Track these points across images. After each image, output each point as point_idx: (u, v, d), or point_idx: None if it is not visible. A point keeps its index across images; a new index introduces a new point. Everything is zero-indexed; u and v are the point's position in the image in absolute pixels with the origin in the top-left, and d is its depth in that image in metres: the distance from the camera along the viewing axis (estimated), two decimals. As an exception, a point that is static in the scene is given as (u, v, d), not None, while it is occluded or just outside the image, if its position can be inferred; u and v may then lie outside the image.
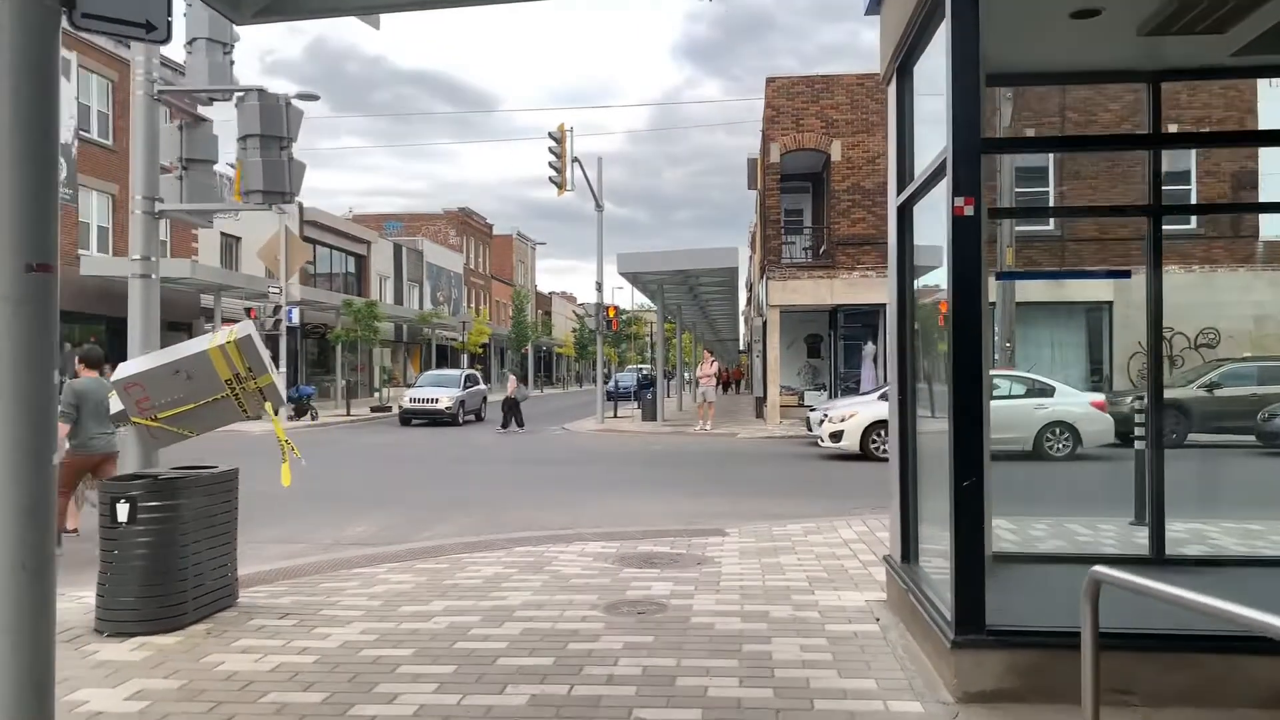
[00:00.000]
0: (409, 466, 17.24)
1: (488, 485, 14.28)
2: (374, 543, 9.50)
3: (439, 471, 16.38)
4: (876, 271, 24.28)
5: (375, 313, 32.08)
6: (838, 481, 14.61)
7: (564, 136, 24.26)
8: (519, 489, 13.80)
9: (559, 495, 12.98)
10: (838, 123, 24.27)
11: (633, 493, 13.23)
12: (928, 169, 5.21)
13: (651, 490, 13.44)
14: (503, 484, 14.50)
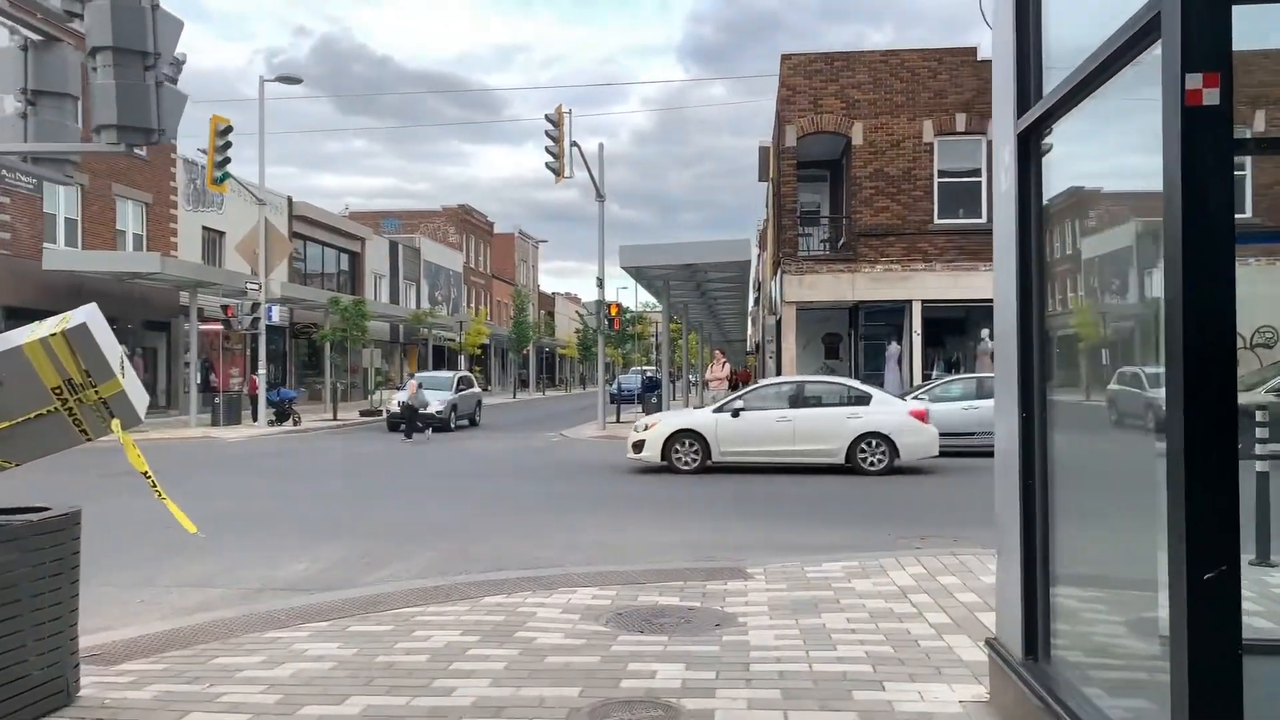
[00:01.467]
0: (382, 481, 15.38)
1: (468, 505, 12.41)
2: (311, 587, 7.64)
3: (415, 487, 14.51)
4: (902, 265, 22.39)
5: (363, 311, 30.26)
6: (867, 501, 12.71)
7: (561, 119, 22.41)
8: (503, 511, 11.92)
9: (549, 519, 11.10)
10: (859, 103, 22.39)
11: (635, 516, 11.35)
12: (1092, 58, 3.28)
13: (657, 513, 11.56)
14: (486, 503, 12.63)
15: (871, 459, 15.02)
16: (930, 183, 22.22)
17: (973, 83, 22.11)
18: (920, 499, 12.92)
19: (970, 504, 12.22)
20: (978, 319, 23.07)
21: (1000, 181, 4.45)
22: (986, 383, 18.22)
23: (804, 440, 15.22)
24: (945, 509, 11.95)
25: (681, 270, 24.57)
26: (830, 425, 15.20)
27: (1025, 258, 4.13)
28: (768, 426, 15.39)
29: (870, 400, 15.43)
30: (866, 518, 11.17)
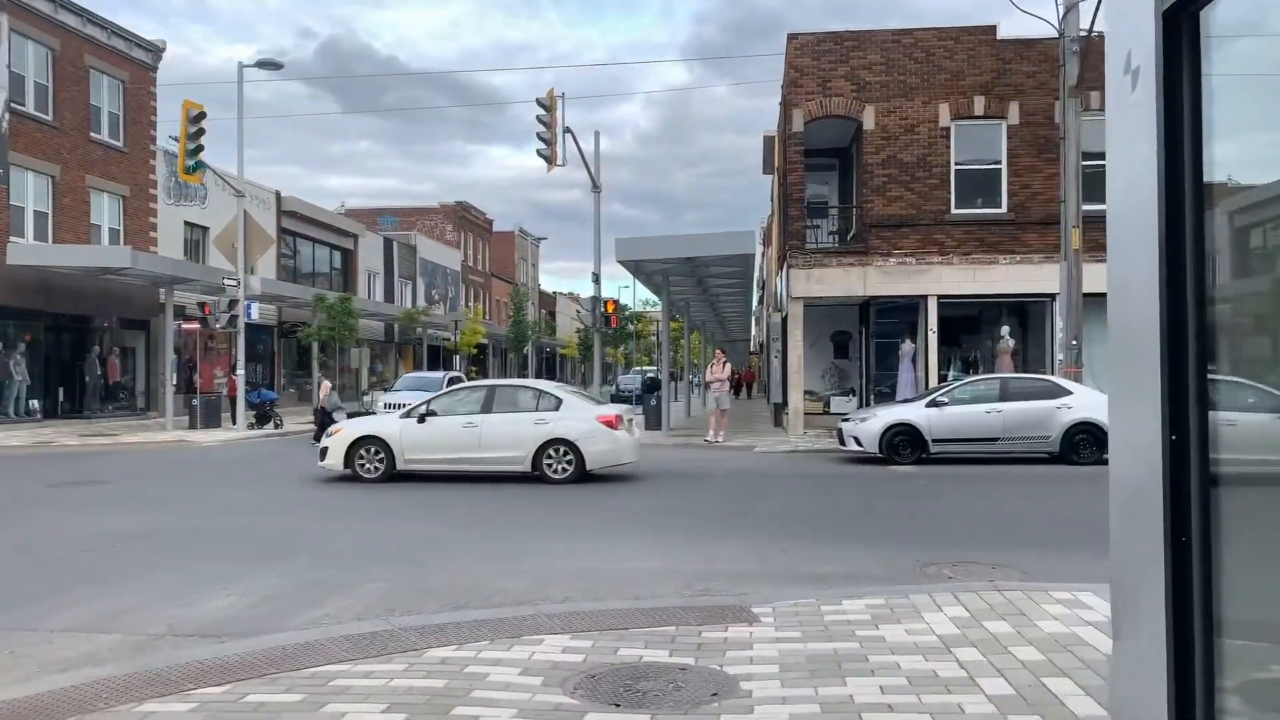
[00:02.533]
0: (345, 491, 14.05)
1: (433, 523, 11.08)
2: (225, 632, 6.33)
3: (376, 499, 13.18)
4: (917, 258, 21.02)
5: (349, 309, 28.95)
6: (888, 515, 11.37)
7: (554, 104, 21.08)
8: (475, 527, 10.59)
9: (524, 540, 9.77)
10: (871, 85, 21.03)
11: (623, 535, 10.01)
12: None
13: (647, 531, 10.22)
14: (456, 520, 11.30)
15: (557, 467, 14.07)
16: (947, 170, 20.86)
17: (992, 63, 20.75)
18: (944, 514, 11.57)
19: (999, 520, 10.88)
20: (997, 315, 21.72)
21: (1122, 95, 3.08)
22: (1012, 384, 16.89)
23: (490, 447, 14.24)
24: (972, 526, 10.61)
25: (681, 265, 23.24)
26: (516, 432, 14.22)
27: (1176, 201, 2.76)
28: (454, 433, 14.32)
29: (561, 405, 14.43)
30: (886, 538, 9.83)
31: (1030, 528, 10.45)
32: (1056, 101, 20.37)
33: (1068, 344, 18.32)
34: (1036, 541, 9.60)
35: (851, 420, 17.36)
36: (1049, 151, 20.54)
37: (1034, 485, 14.01)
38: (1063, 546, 9.32)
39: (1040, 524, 10.68)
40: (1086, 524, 10.64)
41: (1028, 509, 11.80)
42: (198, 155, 21.68)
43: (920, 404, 16.84)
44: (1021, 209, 20.71)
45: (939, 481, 14.42)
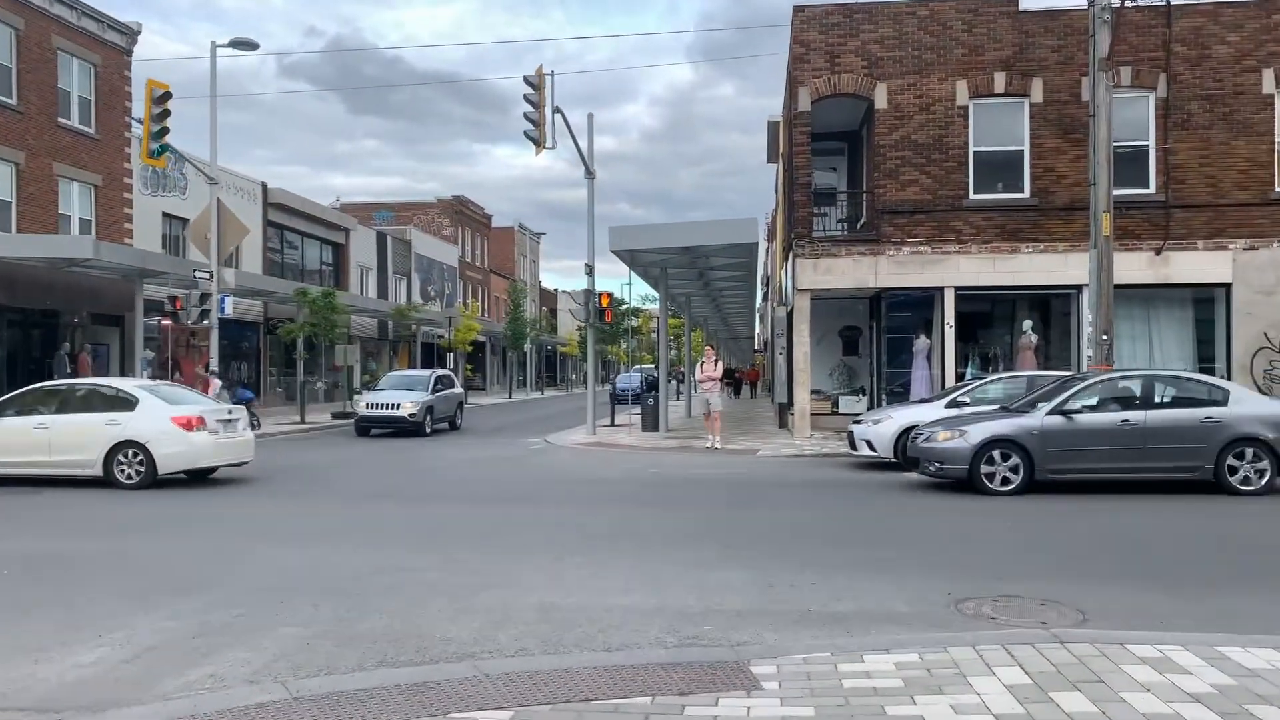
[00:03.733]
0: (298, 505, 12.65)
1: (387, 543, 9.66)
2: (71, 702, 4.93)
3: (332, 514, 11.78)
4: (932, 246, 19.54)
5: (333, 304, 27.52)
6: (907, 533, 9.91)
7: (541, 82, 19.63)
8: (430, 550, 9.15)
9: (485, 565, 8.35)
10: (883, 61, 19.54)
11: (603, 558, 8.58)
12: None
13: (632, 553, 8.78)
14: (411, 540, 9.88)
15: (129, 471, 13.16)
16: (964, 152, 19.37)
17: (1013, 37, 19.26)
18: (971, 532, 10.11)
19: (1036, 538, 9.38)
20: (1019, 308, 20.24)
21: None
22: (1040, 382, 15.40)
23: (60, 450, 13.25)
24: (1005, 547, 9.15)
25: (680, 255, 21.82)
26: (86, 434, 13.20)
27: None
28: (25, 434, 13.38)
29: (137, 406, 13.37)
30: (908, 563, 8.38)
31: (1073, 549, 8.99)
32: (1083, 78, 18.90)
33: (1097, 339, 16.81)
34: (1085, 568, 8.15)
35: (863, 422, 15.92)
36: (1075, 132, 19.05)
37: (1070, 496, 12.54)
38: (1118, 576, 7.88)
39: (1084, 544, 9.22)
40: (1138, 543, 9.20)
41: (1064, 525, 10.34)
42: (163, 138, 20.30)
43: (939, 404, 15.40)
44: (1045, 194, 19.22)
45: (962, 491, 12.96)
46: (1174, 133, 18.95)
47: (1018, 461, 12.13)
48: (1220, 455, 12.01)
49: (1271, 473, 12.02)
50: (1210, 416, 12.20)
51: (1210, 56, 18.84)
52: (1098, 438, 12.18)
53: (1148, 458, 12.10)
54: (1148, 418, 12.22)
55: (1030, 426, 12.19)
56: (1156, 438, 12.09)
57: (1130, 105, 18.84)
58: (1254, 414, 12.21)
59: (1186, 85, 18.90)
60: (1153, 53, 18.94)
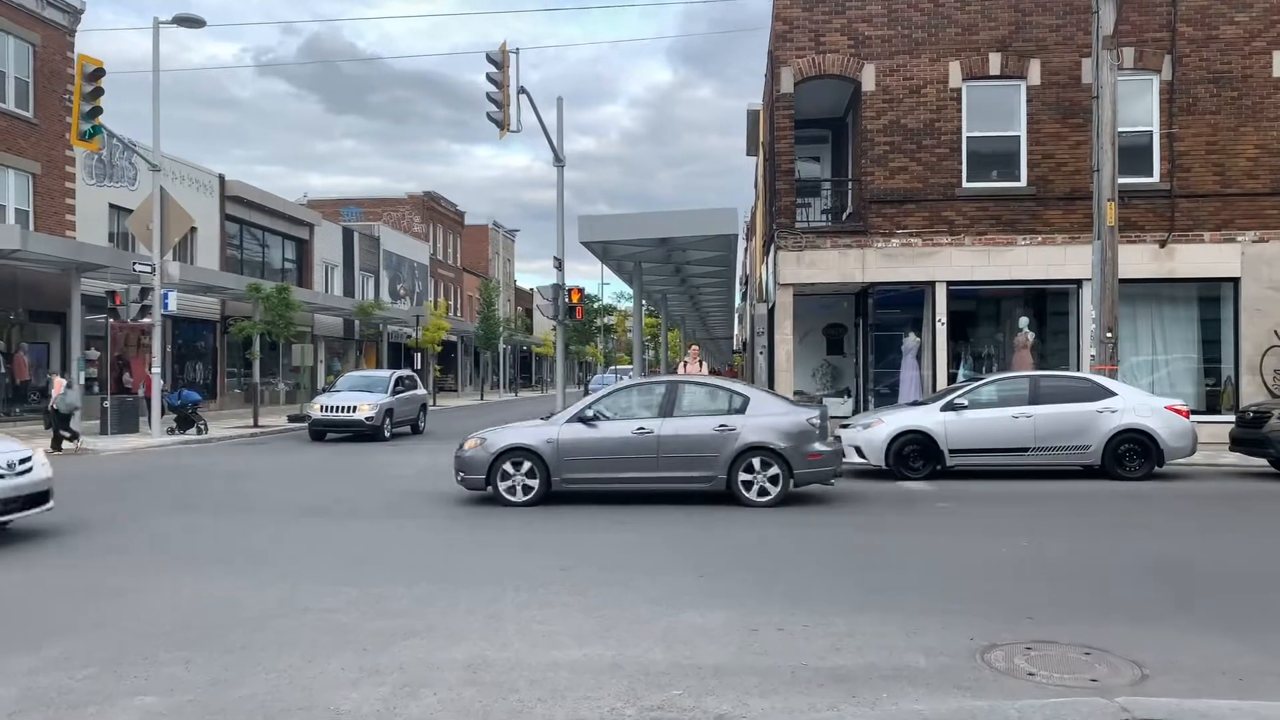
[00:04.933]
0: (217, 525, 11.21)
1: (299, 574, 8.26)
2: None
3: (251, 536, 10.35)
4: (923, 238, 18.30)
5: (289, 300, 25.98)
6: (911, 557, 8.58)
7: (506, 61, 18.25)
8: (350, 583, 7.75)
9: (412, 602, 6.97)
10: (871, 40, 18.28)
11: (553, 593, 7.22)
12: None
13: (589, 586, 7.43)
14: (331, 570, 8.48)
15: None
16: (957, 138, 18.14)
17: (1009, 15, 18.05)
18: (985, 556, 8.82)
19: (1061, 565, 8.03)
20: (1014, 304, 19.05)
21: None
22: (1043, 383, 14.22)
23: None
24: (1028, 575, 7.86)
25: (655, 248, 20.44)
26: None
27: None
28: None
29: None
30: (918, 598, 7.09)
31: (1109, 578, 7.71)
32: (1084, 59, 17.74)
33: (1101, 336, 15.66)
34: (1127, 603, 6.88)
35: (852, 426, 14.65)
36: (1075, 116, 17.87)
37: (1085, 509, 11.32)
38: (1171, 614, 6.62)
39: (1121, 572, 7.94)
40: (1184, 570, 7.90)
41: (1093, 547, 9.07)
42: (95, 119, 18.75)
43: (934, 407, 14.15)
44: (1043, 182, 18.03)
45: (965, 505, 11.70)
46: (1179, 118, 17.82)
47: (534, 470, 11.59)
48: (732, 465, 11.37)
49: (784, 482, 11.28)
50: (724, 425, 11.49)
51: (1218, 37, 17.72)
52: (614, 447, 11.58)
53: (662, 468, 11.51)
54: (663, 427, 11.57)
55: (548, 436, 11.64)
56: (671, 447, 11.49)
57: (1133, 88, 17.69)
58: (768, 423, 11.41)
59: (1192, 68, 17.77)
60: (1157, 33, 17.80)
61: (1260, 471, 14.45)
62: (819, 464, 11.52)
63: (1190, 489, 12.97)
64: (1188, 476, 14.13)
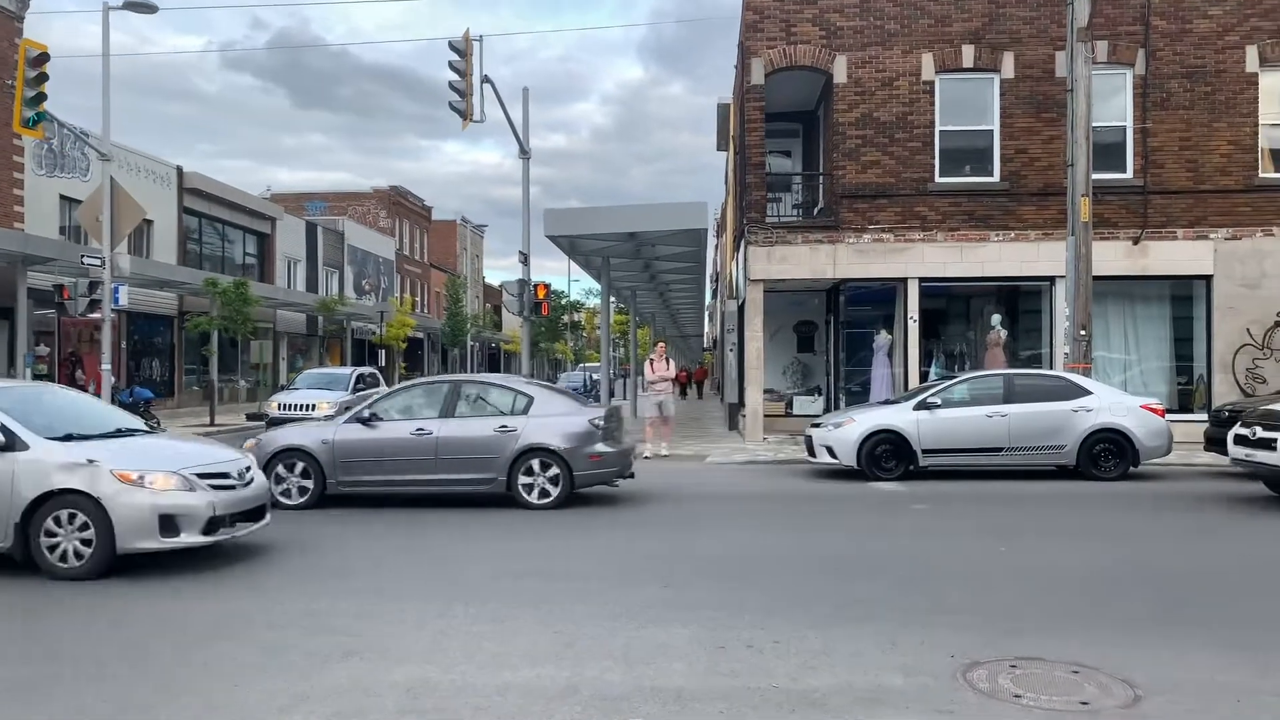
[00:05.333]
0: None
1: (239, 587, 7.74)
2: None
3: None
4: (895, 234, 17.99)
5: (246, 295, 25.27)
6: (886, 563, 8.19)
7: (469, 48, 17.70)
8: (290, 598, 7.25)
9: (354, 617, 6.48)
10: (843, 31, 17.94)
11: (505, 606, 6.75)
12: None
13: (544, 598, 6.97)
14: (272, 581, 7.96)
15: None
16: (930, 131, 17.84)
17: (983, 7, 17.77)
18: (963, 561, 8.45)
19: (1041, 571, 7.64)
20: (986, 302, 18.80)
21: None
22: (1018, 382, 13.93)
23: None
24: (1008, 582, 7.49)
25: (624, 242, 20.04)
26: None
27: None
28: None
29: None
30: (894, 608, 6.70)
31: (1092, 585, 7.37)
32: (1058, 52, 17.50)
33: (1075, 334, 15.41)
34: (1113, 613, 6.53)
35: (823, 426, 14.29)
36: (1048, 111, 17.63)
37: (1061, 511, 11.02)
38: (1159, 624, 6.27)
39: (1103, 578, 7.60)
40: (1168, 576, 7.52)
41: (1073, 552, 8.73)
42: (39, 105, 17.96)
43: (907, 406, 13.82)
44: (1016, 177, 17.78)
45: (940, 506, 11.36)
46: (1153, 113, 17.63)
47: (309, 471, 11.25)
48: (512, 467, 11.07)
49: (565, 484, 10.99)
50: (505, 426, 11.19)
51: (1191, 31, 17.55)
52: (392, 449, 11.23)
53: (441, 470, 11.16)
54: (442, 428, 11.26)
55: (324, 436, 11.32)
56: (449, 449, 11.14)
57: (1107, 83, 17.47)
58: (550, 424, 11.15)
59: (1166, 62, 17.59)
60: (1130, 26, 17.59)
61: (1236, 471, 14.23)
62: (600, 465, 11.21)
63: (1167, 489, 12.73)
64: (1163, 477, 13.90)
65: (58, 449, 7.54)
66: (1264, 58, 17.47)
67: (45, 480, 7.39)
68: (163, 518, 7.45)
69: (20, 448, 7.47)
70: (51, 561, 7.39)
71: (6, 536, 7.42)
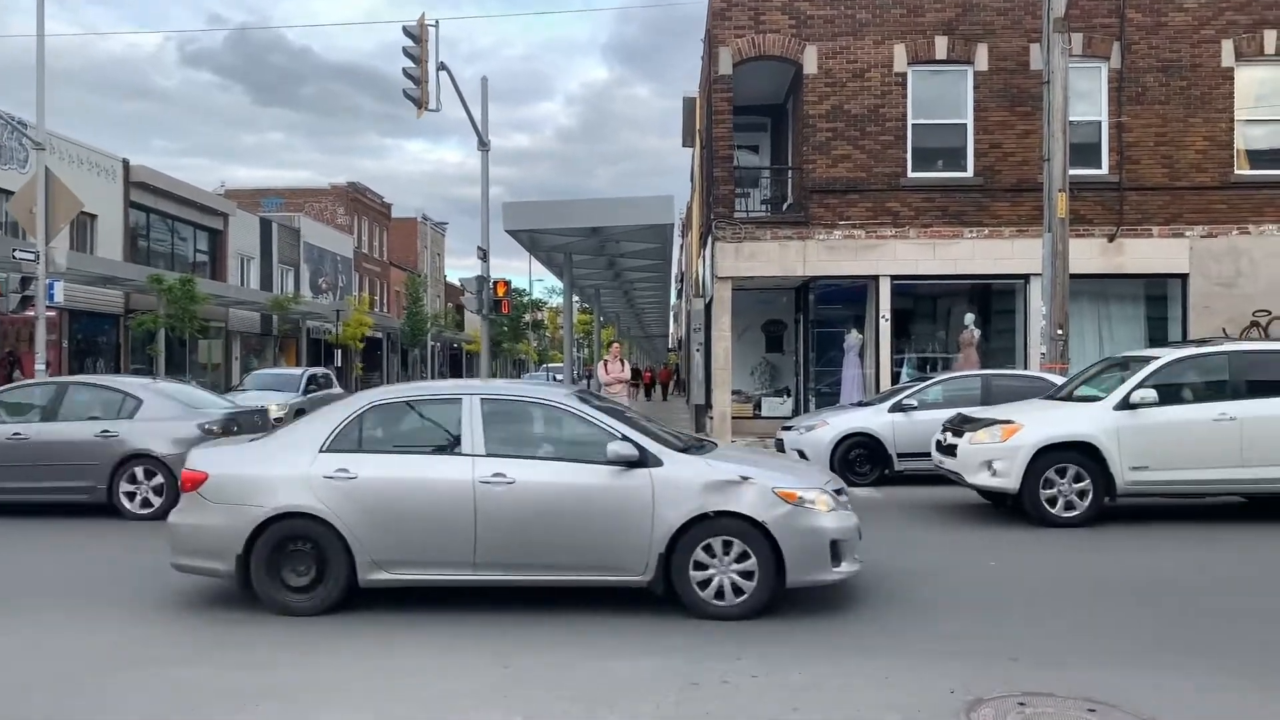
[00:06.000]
0: (70, 540, 9.79)
1: (149, 612, 6.97)
2: None
3: (106, 559, 8.97)
4: (866, 230, 17.46)
5: (193, 293, 24.23)
6: (870, 578, 7.56)
7: (424, 34, 16.93)
8: (200, 626, 6.49)
9: (277, 649, 5.74)
10: (813, 20, 17.38)
11: (453, 637, 6.05)
12: None
13: (495, 628, 6.27)
14: (235, 606, 7.19)
15: None
16: (903, 125, 17.33)
17: (956, -3, 17.31)
18: (948, 575, 7.84)
19: (1035, 584, 7.04)
20: (959, 301, 18.35)
21: None
22: (995, 383, 13.42)
23: None
24: (1001, 599, 6.90)
25: (587, 238, 19.32)
26: None
27: None
28: None
29: None
30: (882, 630, 6.07)
31: (1092, 604, 6.79)
32: (1032, 44, 17.08)
33: (1051, 333, 14.94)
34: (1120, 637, 5.96)
35: (794, 429, 13.70)
36: (1023, 105, 17.20)
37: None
38: (1172, 649, 5.70)
39: (1103, 596, 7.02)
40: (1172, 594, 6.80)
41: (1066, 565, 8.18)
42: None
43: (881, 408, 13.27)
44: (990, 173, 17.33)
45: (917, 514, 10.80)
46: (1128, 107, 17.25)
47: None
48: (114, 474, 10.45)
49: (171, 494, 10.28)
50: (108, 431, 10.55)
51: (1167, 25, 17.20)
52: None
53: (37, 477, 10.48)
54: (40, 432, 10.58)
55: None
56: (45, 455, 10.46)
57: (1082, 77, 17.06)
58: (158, 429, 10.57)
59: (1142, 55, 17.22)
60: (1106, 19, 17.21)
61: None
62: None
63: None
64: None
65: (700, 464, 6.42)
66: (1240, 52, 17.17)
67: (692, 502, 6.22)
68: (832, 544, 6.33)
69: (653, 463, 6.35)
70: (702, 598, 6.24)
71: (646, 568, 6.26)
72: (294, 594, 6.36)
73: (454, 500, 6.30)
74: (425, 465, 6.44)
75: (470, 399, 6.63)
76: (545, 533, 6.30)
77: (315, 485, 6.35)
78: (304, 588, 6.37)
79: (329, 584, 6.34)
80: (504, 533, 6.31)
